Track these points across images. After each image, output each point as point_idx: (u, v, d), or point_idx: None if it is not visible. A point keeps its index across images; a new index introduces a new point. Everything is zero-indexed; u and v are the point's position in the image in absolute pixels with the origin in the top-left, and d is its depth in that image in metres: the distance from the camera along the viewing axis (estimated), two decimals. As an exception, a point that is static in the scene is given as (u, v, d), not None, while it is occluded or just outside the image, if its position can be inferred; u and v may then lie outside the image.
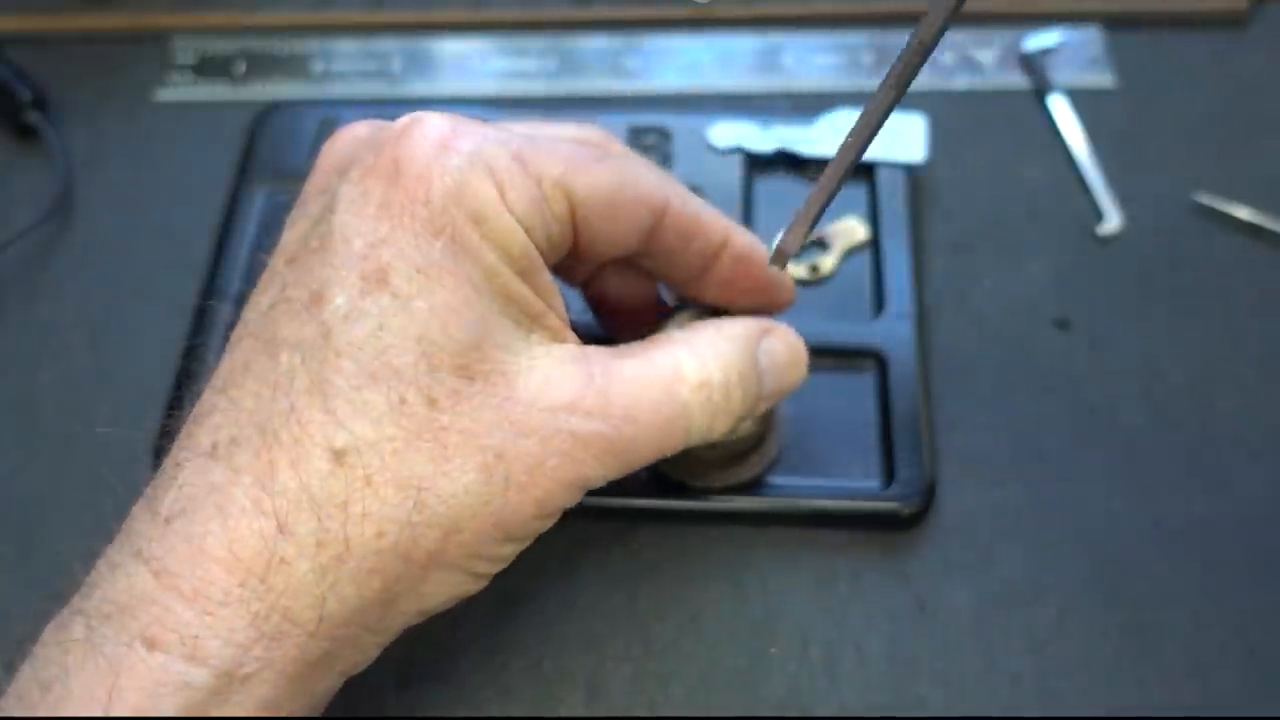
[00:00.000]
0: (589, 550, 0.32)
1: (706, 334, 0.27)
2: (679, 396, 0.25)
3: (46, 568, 0.32)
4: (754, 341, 0.27)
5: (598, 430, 0.24)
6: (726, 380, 0.26)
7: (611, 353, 0.25)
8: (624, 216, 0.25)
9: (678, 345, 0.26)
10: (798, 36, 0.44)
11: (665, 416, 0.25)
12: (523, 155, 0.24)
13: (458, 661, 0.31)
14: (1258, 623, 0.31)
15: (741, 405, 0.27)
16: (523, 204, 0.24)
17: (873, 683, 0.30)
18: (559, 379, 0.24)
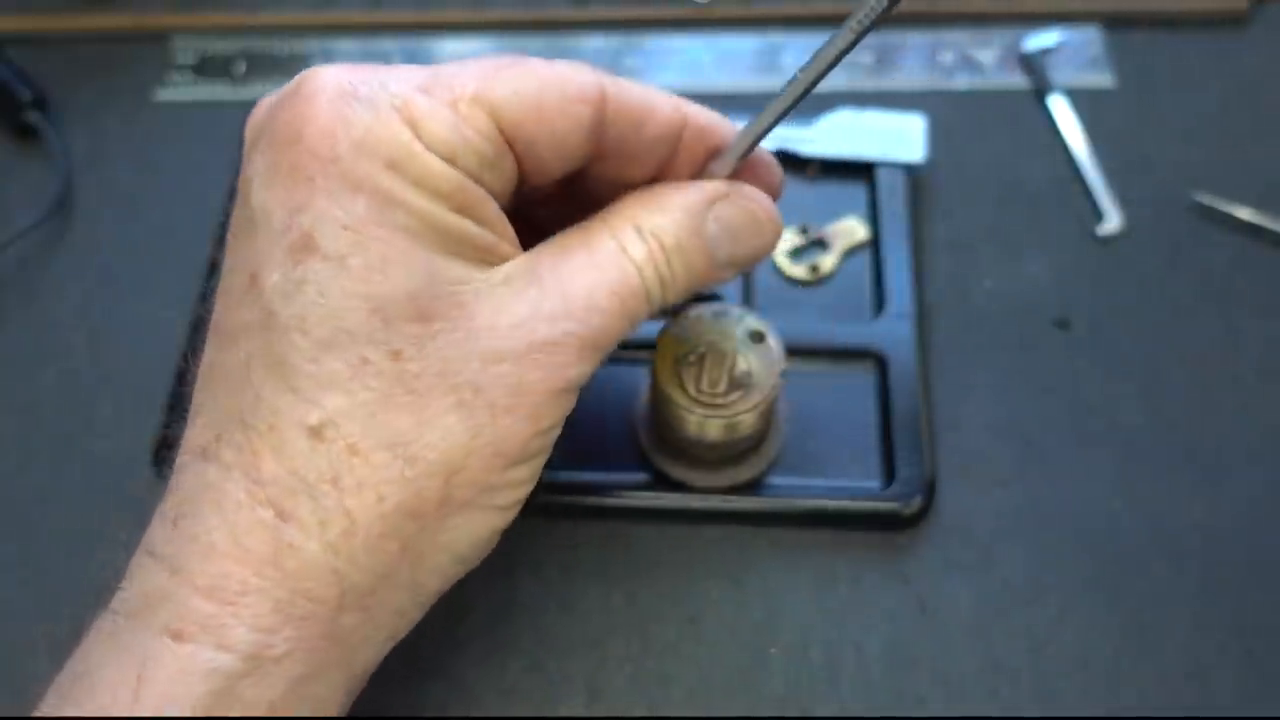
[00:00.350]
0: (589, 551, 0.32)
1: (648, 204, 0.26)
2: (630, 274, 0.25)
3: (46, 568, 0.32)
4: (699, 208, 0.26)
5: (566, 330, 0.24)
6: (671, 247, 0.25)
7: (557, 249, 0.25)
8: (557, 117, 0.24)
9: (619, 221, 0.25)
10: (798, 36, 0.44)
11: (624, 295, 0.24)
12: (429, 85, 0.23)
13: (458, 661, 0.31)
14: (1257, 623, 0.31)
15: (692, 272, 0.26)
16: (441, 135, 0.22)
17: (873, 683, 0.30)
18: (514, 296, 0.23)
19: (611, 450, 0.33)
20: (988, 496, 0.33)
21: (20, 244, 0.39)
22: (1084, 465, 0.33)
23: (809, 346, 0.34)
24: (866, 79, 0.42)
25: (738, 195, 0.27)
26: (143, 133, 0.42)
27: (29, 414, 0.35)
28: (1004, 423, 0.34)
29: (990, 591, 0.31)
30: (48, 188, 0.40)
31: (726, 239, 0.26)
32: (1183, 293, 0.37)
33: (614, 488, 0.32)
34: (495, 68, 0.24)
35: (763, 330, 0.30)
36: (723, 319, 0.31)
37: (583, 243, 0.25)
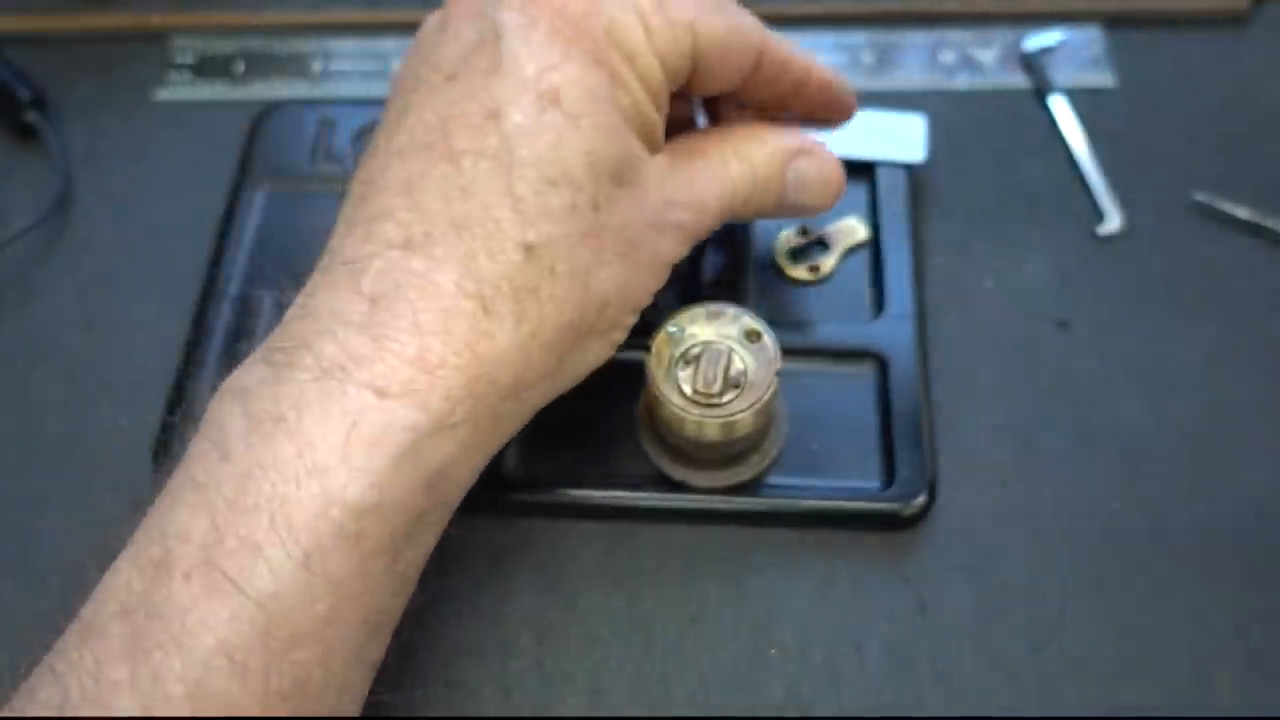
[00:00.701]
0: (589, 551, 0.32)
1: (752, 138, 0.31)
2: (730, 187, 0.30)
3: (46, 568, 0.32)
4: (787, 153, 0.31)
5: (689, 219, 0.29)
6: (760, 177, 0.31)
7: (689, 153, 0.30)
8: (733, 59, 0.29)
9: (733, 143, 0.31)
10: (798, 36, 0.43)
11: (724, 205, 0.30)
12: (661, 5, 0.28)
13: (458, 661, 0.31)
14: (1258, 623, 0.31)
15: (764, 200, 0.31)
16: (663, 44, 0.28)
17: (873, 683, 0.30)
18: (669, 180, 0.29)
19: (611, 450, 0.33)
20: (988, 496, 0.33)
21: (19, 244, 0.39)
22: (1084, 465, 0.33)
23: (809, 346, 0.34)
24: (867, 79, 0.42)
25: (818, 155, 0.32)
26: (142, 132, 0.42)
27: (28, 414, 0.35)
28: (1004, 423, 0.34)
29: (990, 591, 0.31)
30: (47, 187, 0.40)
31: (798, 186, 0.32)
32: (1183, 293, 0.37)
33: (614, 488, 0.32)
34: (707, 6, 0.29)
35: (758, 329, 0.30)
36: (717, 319, 0.31)
37: (704, 153, 0.30)
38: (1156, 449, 0.34)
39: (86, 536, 0.32)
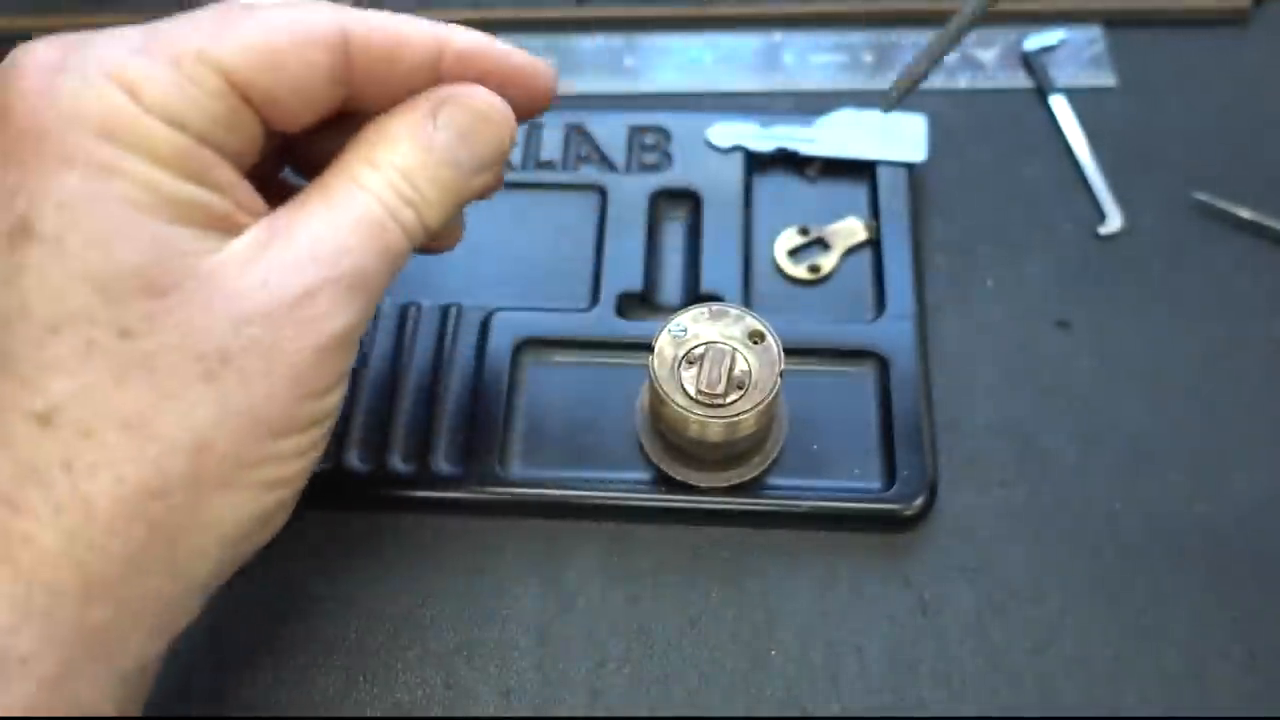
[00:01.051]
0: (589, 551, 0.32)
1: (373, 136, 0.25)
2: (370, 206, 0.24)
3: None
4: (422, 121, 0.25)
5: (315, 277, 0.23)
6: (406, 168, 0.24)
7: (295, 204, 0.24)
8: (294, 65, 0.23)
9: (351, 160, 0.24)
10: (798, 36, 0.44)
11: (370, 228, 0.24)
12: (147, 45, 0.22)
13: (458, 661, 0.31)
14: (1258, 623, 0.31)
15: (440, 184, 0.25)
16: (163, 98, 0.21)
17: (873, 684, 0.30)
18: (257, 254, 0.22)
19: (611, 450, 0.33)
20: (988, 496, 0.33)
21: (19, 243, 0.38)
22: (1084, 465, 0.33)
23: (809, 346, 0.34)
24: (867, 79, 0.42)
25: (457, 96, 0.25)
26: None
27: (28, 414, 0.35)
28: (1004, 423, 0.34)
29: (991, 592, 0.31)
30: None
31: (460, 142, 0.25)
32: (1183, 292, 0.37)
33: (614, 488, 0.32)
34: (221, 19, 0.23)
35: (762, 330, 0.30)
36: (721, 319, 0.31)
37: (319, 190, 0.24)
38: (1156, 449, 0.34)
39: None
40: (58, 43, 0.22)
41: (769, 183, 0.39)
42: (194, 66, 0.22)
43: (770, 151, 0.38)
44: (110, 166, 0.21)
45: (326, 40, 0.23)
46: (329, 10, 0.24)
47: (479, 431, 0.33)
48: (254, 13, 0.23)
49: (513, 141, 0.26)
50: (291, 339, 0.22)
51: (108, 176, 0.21)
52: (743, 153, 0.39)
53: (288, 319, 0.22)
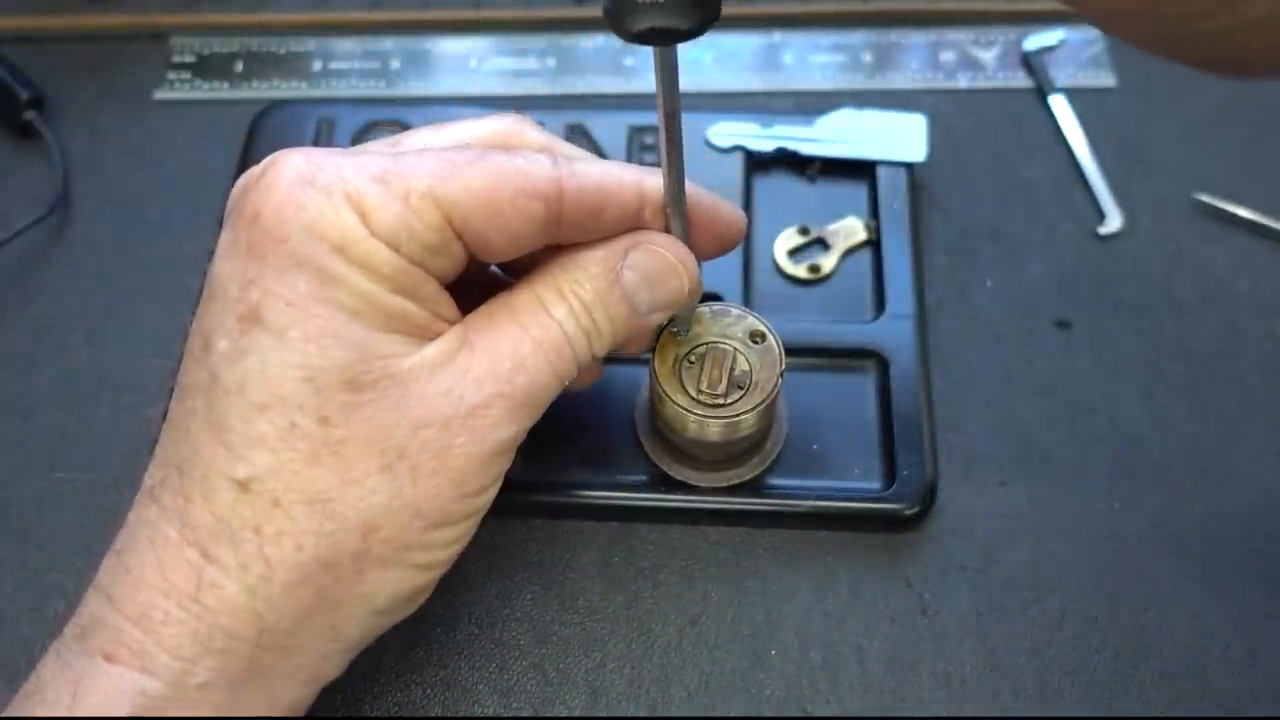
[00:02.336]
0: (589, 551, 0.32)
1: (567, 264, 0.27)
2: (553, 331, 0.26)
3: (46, 568, 0.32)
4: (612, 259, 0.27)
5: (492, 393, 0.25)
6: (590, 300, 0.27)
7: (485, 316, 0.26)
8: (509, 213, 0.25)
9: (541, 283, 0.27)
10: (798, 36, 0.44)
11: (548, 352, 0.26)
12: (386, 176, 0.25)
13: (458, 661, 0.31)
14: (1258, 623, 0.31)
15: (615, 321, 0.27)
16: (388, 224, 0.24)
17: (873, 684, 0.30)
18: (444, 364, 0.25)
19: (612, 450, 0.33)
20: (988, 496, 0.33)
21: (18, 243, 0.39)
22: (1084, 465, 0.33)
23: (809, 346, 0.34)
24: (867, 79, 0.42)
25: (649, 243, 0.27)
26: (141, 132, 0.42)
27: (28, 414, 0.35)
28: (1004, 423, 0.34)
29: (990, 592, 0.31)
30: (46, 187, 0.40)
31: (643, 286, 0.27)
32: (1183, 293, 0.37)
33: (614, 488, 0.32)
34: (454, 164, 0.25)
35: (763, 330, 0.30)
36: (722, 319, 0.31)
37: (508, 307, 0.26)
38: (1156, 449, 0.34)
39: (87, 536, 0.33)
40: (310, 156, 0.25)
41: (769, 183, 0.39)
42: (420, 202, 0.25)
43: (770, 151, 0.38)
44: (335, 276, 0.24)
45: (543, 193, 0.25)
46: (549, 167, 0.26)
47: (479, 431, 0.33)
48: (483, 160, 0.25)
49: (694, 294, 0.28)
50: (462, 445, 0.25)
51: (332, 284, 0.24)
52: (743, 153, 0.39)
53: (461, 426, 0.25)
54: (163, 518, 0.24)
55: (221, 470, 0.24)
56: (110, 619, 0.24)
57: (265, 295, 0.24)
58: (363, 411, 0.24)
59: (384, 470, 0.24)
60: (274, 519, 0.24)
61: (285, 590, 0.24)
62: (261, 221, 0.24)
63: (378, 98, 0.42)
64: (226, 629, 0.24)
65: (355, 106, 0.41)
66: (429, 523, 0.25)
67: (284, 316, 0.24)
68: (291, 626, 0.24)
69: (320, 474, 0.24)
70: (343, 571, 0.24)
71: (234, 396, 0.24)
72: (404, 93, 0.43)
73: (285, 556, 0.24)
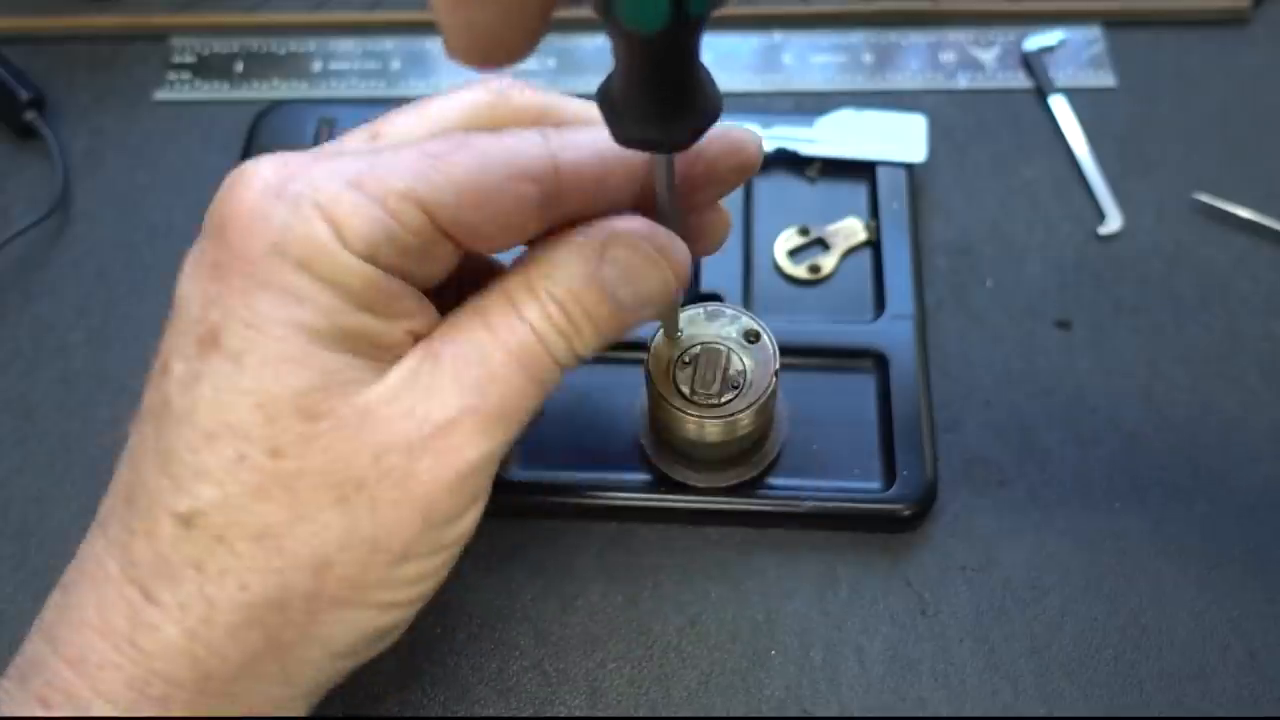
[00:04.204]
0: (589, 551, 0.32)
1: (539, 259, 0.25)
2: (525, 337, 0.24)
3: (46, 568, 0.32)
4: (591, 253, 0.24)
5: (461, 408, 0.23)
6: (566, 299, 0.24)
7: (450, 326, 0.24)
8: (500, 201, 0.23)
9: (513, 283, 0.24)
10: (798, 36, 0.44)
11: (523, 359, 0.24)
12: (361, 180, 0.23)
13: (458, 661, 0.31)
14: (1258, 623, 0.31)
15: (596, 320, 0.25)
16: (361, 232, 0.22)
17: (873, 684, 0.30)
18: (407, 383, 0.23)
19: (611, 450, 0.33)
20: (988, 496, 0.33)
21: (19, 243, 0.39)
22: (1084, 465, 0.33)
23: (809, 346, 0.34)
24: (867, 79, 0.42)
25: (629, 234, 0.25)
26: (141, 132, 0.42)
27: (28, 414, 0.35)
28: (1004, 423, 0.34)
29: (990, 592, 0.31)
30: (46, 187, 0.40)
31: (623, 280, 0.25)
32: (1183, 293, 0.37)
33: (614, 488, 0.32)
34: (435, 157, 0.23)
35: (757, 330, 0.30)
36: (717, 319, 0.31)
37: (477, 313, 0.24)
38: (1156, 449, 0.34)
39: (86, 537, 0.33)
40: (281, 165, 0.23)
41: (769, 183, 0.39)
42: (399, 205, 0.22)
43: (770, 151, 0.38)
44: (300, 295, 0.22)
45: (537, 175, 0.23)
46: (539, 144, 0.24)
47: (479, 431, 0.33)
48: (465, 148, 0.23)
49: (681, 285, 0.26)
50: (427, 469, 0.23)
51: (296, 304, 0.22)
52: (743, 153, 0.38)
53: (425, 449, 0.23)
54: (107, 552, 0.23)
55: (165, 504, 0.22)
56: (49, 660, 0.22)
57: (226, 317, 0.22)
58: (319, 442, 0.22)
59: (338, 503, 0.22)
60: (217, 556, 0.22)
61: (229, 633, 0.22)
62: (226, 236, 0.22)
63: (378, 98, 0.42)
64: (164, 674, 0.22)
65: (355, 107, 0.41)
66: (391, 558, 0.23)
67: (241, 340, 0.22)
68: (237, 672, 0.22)
69: (268, 509, 0.22)
70: (293, 613, 0.22)
71: (184, 425, 0.22)
72: (404, 93, 0.43)
73: (229, 596, 0.22)
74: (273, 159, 0.23)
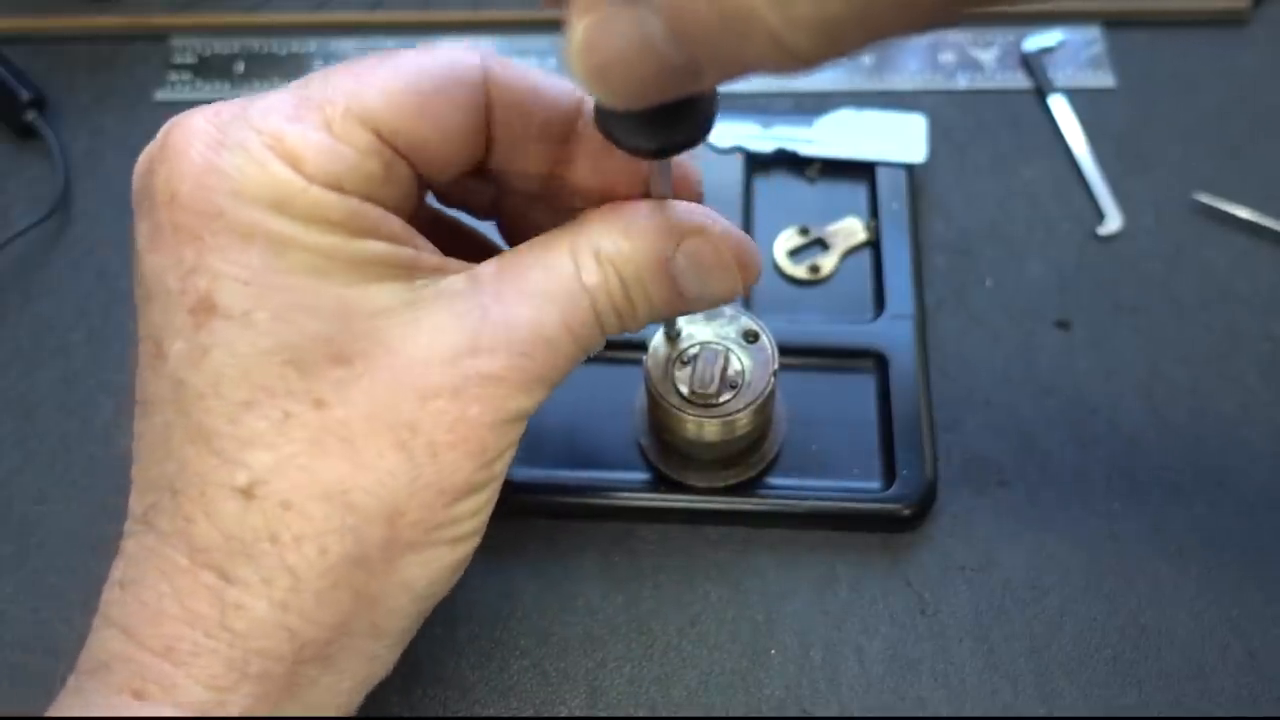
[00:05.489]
0: (589, 551, 0.32)
1: (613, 225, 0.24)
2: (582, 304, 0.23)
3: (46, 568, 0.32)
4: (667, 240, 0.24)
5: (508, 365, 0.22)
6: (630, 278, 0.24)
7: (504, 268, 0.23)
8: (438, 105, 0.23)
9: (580, 240, 0.23)
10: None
11: (574, 327, 0.23)
12: (299, 111, 0.22)
13: (458, 661, 0.31)
14: (1258, 623, 0.31)
15: (653, 305, 0.24)
16: (322, 164, 0.21)
17: (873, 684, 0.30)
18: (449, 324, 0.22)
19: (611, 450, 0.33)
20: (988, 497, 0.33)
21: (19, 243, 0.39)
22: (1084, 465, 0.33)
23: (809, 346, 0.34)
24: (867, 79, 0.42)
25: (713, 233, 0.24)
26: (142, 132, 0.41)
27: (28, 414, 0.35)
28: (1004, 423, 0.34)
29: (990, 592, 0.31)
30: (47, 187, 0.40)
31: (695, 276, 0.24)
32: (1183, 293, 0.37)
33: (614, 488, 0.32)
34: (361, 73, 0.22)
35: (756, 330, 0.30)
36: (715, 319, 0.31)
37: (539, 262, 0.23)
38: (1156, 449, 0.34)
39: (87, 536, 0.33)
40: (211, 115, 0.22)
41: (769, 183, 0.39)
42: (344, 126, 0.22)
43: (770, 151, 0.39)
44: (288, 239, 0.21)
45: (469, 78, 0.23)
46: (468, 50, 0.23)
47: (479, 431, 0.33)
48: (394, 60, 0.23)
49: (747, 289, 0.26)
50: (476, 415, 0.22)
51: (286, 248, 0.21)
52: (742, 153, 0.39)
53: (474, 396, 0.22)
54: (166, 544, 0.22)
55: (219, 481, 0.21)
56: (133, 654, 0.21)
57: (215, 280, 0.21)
58: (358, 385, 0.21)
59: (398, 448, 0.22)
60: (289, 523, 0.21)
61: (318, 600, 0.22)
62: (181, 200, 0.21)
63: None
64: (261, 651, 0.21)
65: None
66: (454, 497, 0.23)
67: (243, 298, 0.21)
68: (331, 635, 0.22)
69: (330, 463, 0.21)
70: (374, 565, 0.22)
71: (210, 399, 0.21)
72: (404, 93, 0.43)
73: (311, 563, 0.21)
74: (199, 111, 0.22)
